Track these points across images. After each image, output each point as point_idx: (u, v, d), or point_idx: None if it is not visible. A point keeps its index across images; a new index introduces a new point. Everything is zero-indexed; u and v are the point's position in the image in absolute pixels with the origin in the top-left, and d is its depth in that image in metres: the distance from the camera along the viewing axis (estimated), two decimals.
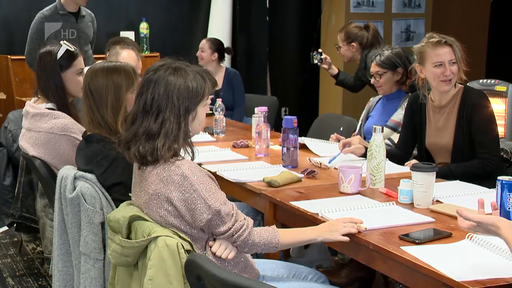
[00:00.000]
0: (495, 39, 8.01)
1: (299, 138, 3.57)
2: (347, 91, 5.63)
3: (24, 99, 3.91)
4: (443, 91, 3.42)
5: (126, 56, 4.23)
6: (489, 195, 2.77)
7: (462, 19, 7.51)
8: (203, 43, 5.86)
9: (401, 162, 3.60)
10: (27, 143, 3.40)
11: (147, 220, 2.24)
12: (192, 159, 2.33)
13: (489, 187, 2.93)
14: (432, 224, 2.51)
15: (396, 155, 3.66)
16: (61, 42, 3.54)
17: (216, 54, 5.81)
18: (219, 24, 7.43)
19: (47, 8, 5.36)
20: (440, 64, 3.35)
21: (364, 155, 3.34)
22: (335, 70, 5.19)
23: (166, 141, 2.24)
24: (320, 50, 5.17)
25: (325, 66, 5.16)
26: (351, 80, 5.19)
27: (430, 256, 2.17)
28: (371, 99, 4.46)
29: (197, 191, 2.21)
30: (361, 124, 4.41)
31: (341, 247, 2.53)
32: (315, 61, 5.16)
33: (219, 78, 5.79)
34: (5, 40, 6.65)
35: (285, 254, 3.40)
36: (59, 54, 3.47)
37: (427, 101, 3.55)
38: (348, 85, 5.24)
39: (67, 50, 3.49)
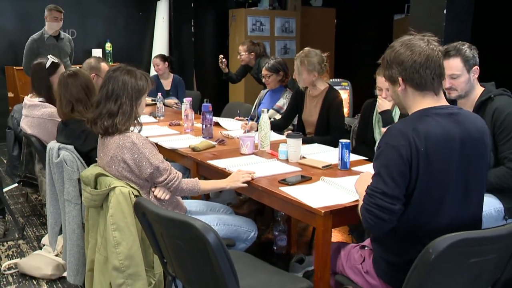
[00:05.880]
0: (339, 51, 8.23)
1: (213, 118, 3.52)
2: (248, 87, 5.74)
3: (25, 96, 3.79)
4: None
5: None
6: (335, 152, 2.84)
7: (317, 40, 7.68)
8: (156, 60, 5.41)
9: (283, 128, 3.65)
10: (26, 125, 3.26)
11: (108, 176, 2.16)
12: (139, 132, 2.25)
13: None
14: (299, 172, 2.53)
15: (280, 123, 3.70)
16: (48, 56, 3.40)
17: (167, 63, 5.44)
18: (161, 43, 7.35)
19: (36, 33, 5.19)
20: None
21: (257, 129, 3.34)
22: (226, 70, 5.23)
23: (122, 118, 2.15)
24: (221, 56, 5.17)
25: (223, 66, 5.18)
26: (234, 76, 5.33)
27: (298, 192, 2.19)
28: (261, 91, 4.45)
29: (143, 153, 2.14)
30: (254, 108, 4.40)
31: (242, 190, 2.50)
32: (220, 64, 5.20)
33: (169, 81, 5.49)
34: (12, 56, 6.48)
35: (205, 196, 3.36)
36: (47, 65, 3.35)
37: (307, 92, 3.57)
38: (232, 79, 5.36)
39: (52, 62, 3.36)
